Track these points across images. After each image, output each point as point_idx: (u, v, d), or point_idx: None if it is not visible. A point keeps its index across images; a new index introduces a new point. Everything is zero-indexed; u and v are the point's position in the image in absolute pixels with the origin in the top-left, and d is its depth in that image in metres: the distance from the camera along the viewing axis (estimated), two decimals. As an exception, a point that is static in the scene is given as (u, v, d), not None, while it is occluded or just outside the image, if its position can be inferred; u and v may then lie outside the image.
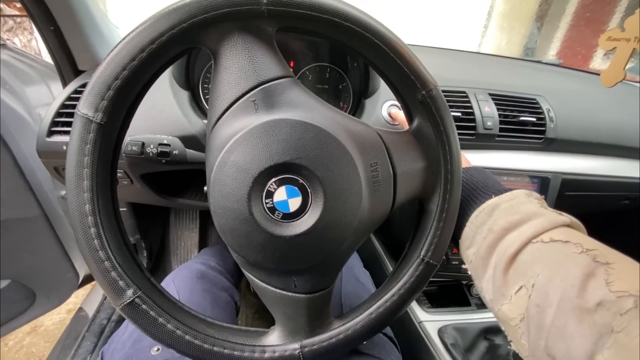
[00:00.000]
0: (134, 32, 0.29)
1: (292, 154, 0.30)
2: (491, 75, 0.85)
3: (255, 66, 0.31)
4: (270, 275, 0.34)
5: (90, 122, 0.29)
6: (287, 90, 0.32)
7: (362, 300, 0.38)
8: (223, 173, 0.30)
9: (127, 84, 0.29)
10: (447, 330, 0.64)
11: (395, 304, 0.36)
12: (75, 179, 0.29)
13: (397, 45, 0.31)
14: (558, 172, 0.70)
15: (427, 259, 0.36)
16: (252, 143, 0.30)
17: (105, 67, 0.29)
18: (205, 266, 0.69)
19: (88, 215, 0.30)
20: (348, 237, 0.33)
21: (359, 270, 0.69)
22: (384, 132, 0.36)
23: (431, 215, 0.37)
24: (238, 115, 0.31)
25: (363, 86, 0.68)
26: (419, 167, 0.36)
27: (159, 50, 0.29)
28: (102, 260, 0.30)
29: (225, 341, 0.34)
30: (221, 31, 0.30)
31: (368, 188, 0.33)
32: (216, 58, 0.32)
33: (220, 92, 0.32)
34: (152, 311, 0.31)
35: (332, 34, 0.32)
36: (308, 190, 0.31)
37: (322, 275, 0.35)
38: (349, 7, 0.30)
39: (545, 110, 0.72)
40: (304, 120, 0.31)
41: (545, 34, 1.37)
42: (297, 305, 0.35)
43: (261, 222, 0.30)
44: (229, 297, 0.66)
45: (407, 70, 0.32)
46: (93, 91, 0.29)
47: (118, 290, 0.30)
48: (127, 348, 0.47)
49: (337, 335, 0.35)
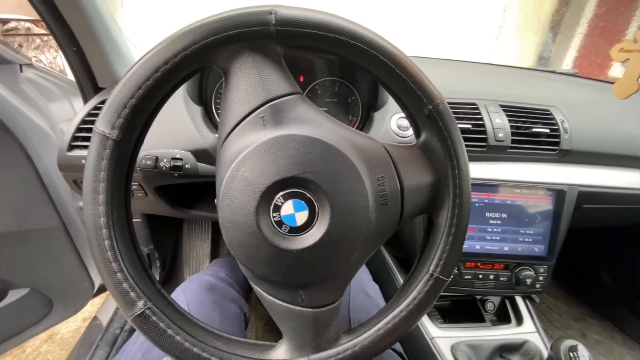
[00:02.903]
0: (149, 53, 0.30)
1: (299, 168, 0.31)
2: (503, 86, 0.84)
3: (264, 84, 0.32)
4: (277, 289, 0.34)
5: (107, 139, 0.30)
6: (294, 106, 0.33)
7: (371, 315, 0.38)
8: (232, 187, 0.31)
9: (142, 102, 0.31)
10: (460, 347, 0.62)
11: (404, 319, 0.35)
12: (92, 192, 0.31)
13: (402, 61, 0.32)
14: (574, 185, 0.68)
15: (437, 275, 0.35)
16: (260, 158, 0.31)
17: (122, 87, 0.30)
18: (215, 278, 0.70)
19: (102, 227, 0.31)
20: (355, 251, 0.33)
21: (367, 283, 0.68)
22: (391, 146, 0.36)
23: (440, 229, 0.36)
24: (247, 131, 0.32)
25: (372, 99, 0.69)
26: (427, 181, 0.36)
27: (172, 70, 0.30)
28: (114, 271, 0.31)
29: (233, 354, 0.34)
30: (231, 51, 0.31)
31: (375, 202, 0.33)
32: (227, 76, 0.33)
33: (230, 109, 0.33)
34: (161, 323, 0.32)
35: (339, 52, 0.32)
36: (315, 204, 0.31)
37: (329, 289, 0.35)
38: (354, 25, 0.31)
39: (559, 121, 0.71)
40: (311, 136, 0.31)
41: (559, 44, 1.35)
42: (304, 320, 0.34)
43: (268, 235, 0.31)
44: (238, 309, 0.66)
45: (413, 86, 0.33)
46: (110, 109, 0.30)
47: (129, 302, 0.31)
48: (137, 359, 0.48)
49: (344, 352, 0.35)
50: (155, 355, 0.47)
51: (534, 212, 0.67)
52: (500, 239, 0.67)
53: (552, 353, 0.47)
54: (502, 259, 0.68)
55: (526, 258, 0.68)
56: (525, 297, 0.75)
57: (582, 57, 1.23)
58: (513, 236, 0.67)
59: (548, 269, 0.69)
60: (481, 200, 0.65)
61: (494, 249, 0.67)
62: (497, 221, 0.66)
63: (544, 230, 0.67)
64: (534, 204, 0.67)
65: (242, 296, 0.72)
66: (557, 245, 0.68)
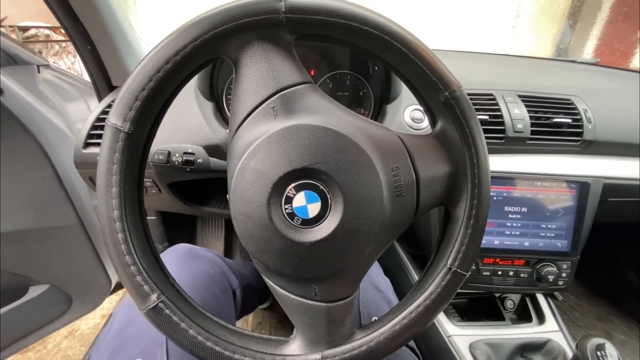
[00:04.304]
0: (159, 45, 0.30)
1: (310, 159, 0.30)
2: (521, 76, 0.82)
3: (274, 73, 0.31)
4: (290, 283, 0.34)
5: (119, 132, 0.30)
6: (305, 96, 0.32)
7: (381, 309, 0.37)
8: (243, 179, 0.31)
9: (153, 95, 0.30)
10: (479, 346, 0.60)
11: (421, 315, 0.34)
12: (105, 186, 0.31)
13: (417, 47, 0.31)
14: (599, 177, 0.65)
15: (455, 268, 0.34)
16: (271, 149, 0.30)
17: (132, 79, 0.30)
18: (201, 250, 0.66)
19: (116, 220, 0.31)
20: (369, 244, 0.32)
21: (378, 277, 0.66)
22: (406, 135, 0.35)
23: (458, 221, 0.35)
24: (258, 121, 0.32)
25: (384, 92, 0.68)
26: (444, 172, 0.35)
27: (182, 61, 0.30)
28: (128, 264, 0.31)
29: (246, 349, 0.33)
30: (241, 41, 0.31)
31: (389, 193, 0.32)
32: (237, 67, 0.32)
33: (241, 100, 0.32)
34: (175, 316, 0.32)
35: (351, 39, 0.32)
36: (327, 195, 0.30)
37: (343, 283, 0.34)
38: (366, 11, 0.30)
39: (581, 110, 0.68)
40: (323, 125, 0.31)
41: (579, 32, 1.30)
42: (318, 314, 0.34)
43: (280, 227, 0.30)
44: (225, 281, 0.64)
45: (428, 72, 0.31)
46: (122, 102, 0.30)
47: (143, 295, 0.31)
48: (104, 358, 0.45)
49: (359, 347, 0.34)
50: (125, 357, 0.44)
51: (556, 205, 0.64)
52: (520, 234, 0.64)
53: (578, 352, 0.45)
54: (522, 255, 0.65)
55: (548, 254, 0.65)
56: (547, 295, 0.72)
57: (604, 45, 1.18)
58: (534, 231, 0.64)
59: (571, 265, 0.66)
60: (499, 193, 0.63)
61: (514, 244, 0.65)
62: (516, 215, 0.64)
63: (567, 225, 0.65)
64: (556, 197, 0.64)
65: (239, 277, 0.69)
66: (581, 240, 0.65)
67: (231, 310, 0.62)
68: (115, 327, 0.49)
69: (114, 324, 0.49)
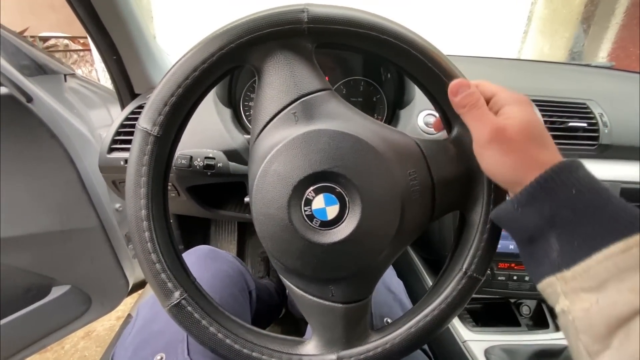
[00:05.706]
0: (187, 54, 0.32)
1: (330, 162, 0.31)
2: (534, 81, 0.81)
3: (295, 80, 0.33)
4: (308, 283, 0.35)
5: (149, 135, 0.32)
6: (325, 102, 0.33)
7: (393, 310, 0.37)
8: (265, 181, 0.32)
9: (181, 101, 0.32)
10: (495, 352, 0.59)
11: (436, 319, 0.34)
12: (134, 186, 0.32)
13: (435, 55, 0.32)
14: (616, 181, 0.64)
15: (471, 273, 0.34)
16: (292, 153, 0.31)
17: (162, 86, 0.32)
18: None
19: (144, 220, 0.32)
20: (386, 246, 0.33)
21: (391, 279, 0.66)
22: (423, 140, 0.35)
23: (474, 226, 0.35)
24: (279, 127, 0.33)
25: (398, 97, 0.68)
26: (460, 177, 0.35)
27: (209, 69, 0.32)
28: (153, 262, 0.32)
29: (263, 347, 0.34)
30: (265, 50, 0.32)
31: (406, 197, 0.33)
32: (260, 75, 0.34)
33: (263, 106, 0.34)
34: (196, 313, 0.33)
35: (369, 48, 0.33)
36: (346, 198, 0.31)
37: (359, 285, 0.35)
38: (385, 20, 0.31)
39: (597, 114, 0.67)
40: (342, 130, 0.32)
41: (593, 36, 1.28)
42: (334, 315, 0.34)
43: (300, 229, 0.31)
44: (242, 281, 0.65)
45: (444, 79, 0.32)
46: (152, 107, 0.32)
47: (167, 292, 0.32)
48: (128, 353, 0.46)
49: (374, 349, 0.34)
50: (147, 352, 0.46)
51: (572, 210, 0.63)
52: (536, 238, 0.64)
53: None
54: (538, 260, 0.64)
55: (565, 259, 0.64)
56: (564, 301, 0.70)
57: (618, 49, 1.17)
58: (550, 236, 0.64)
59: (589, 271, 0.65)
60: (514, 198, 0.63)
61: (529, 249, 0.64)
62: (531, 220, 0.63)
63: (583, 230, 0.64)
64: (572, 202, 0.63)
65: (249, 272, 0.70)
66: (598, 246, 0.64)
67: (247, 310, 0.63)
68: (139, 323, 0.50)
69: (138, 320, 0.51)
